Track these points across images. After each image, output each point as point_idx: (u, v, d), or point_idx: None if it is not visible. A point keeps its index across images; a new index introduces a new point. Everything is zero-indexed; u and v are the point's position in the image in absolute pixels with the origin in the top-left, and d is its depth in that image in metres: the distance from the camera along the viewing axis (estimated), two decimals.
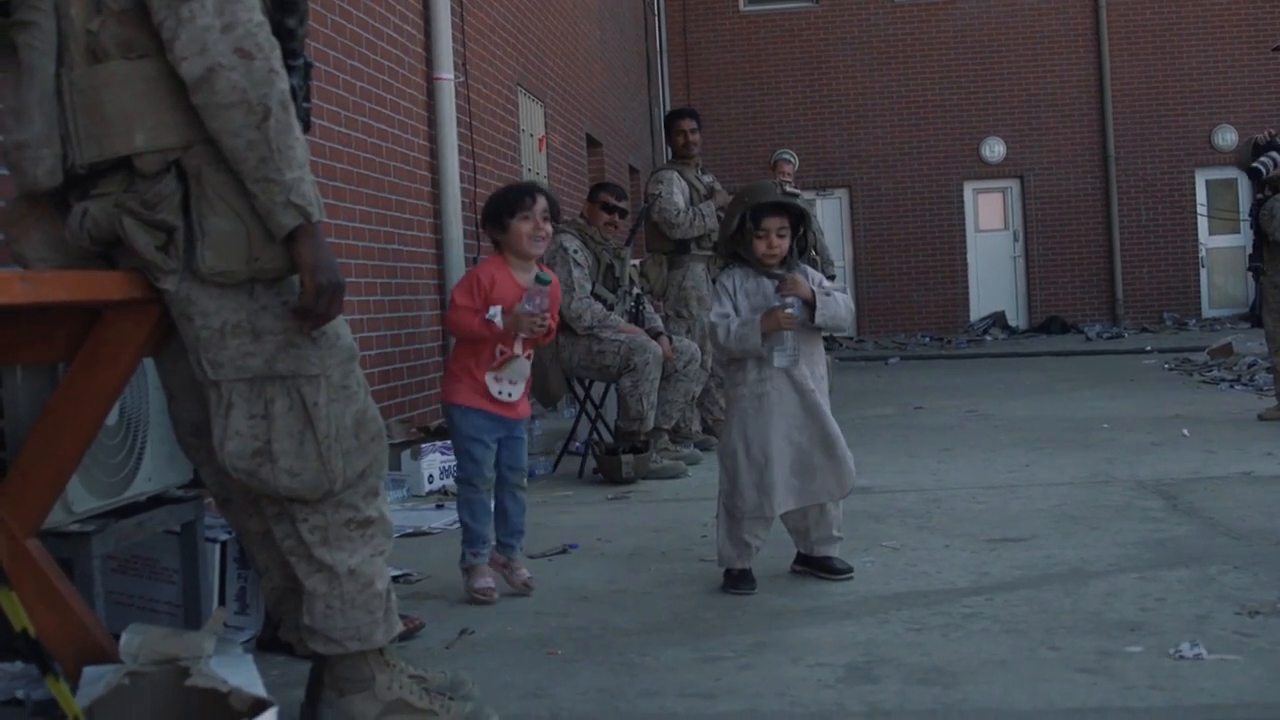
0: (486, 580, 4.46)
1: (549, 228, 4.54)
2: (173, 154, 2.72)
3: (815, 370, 4.51)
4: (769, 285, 4.46)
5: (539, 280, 4.43)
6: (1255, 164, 8.51)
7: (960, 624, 3.87)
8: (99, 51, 2.73)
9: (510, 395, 4.49)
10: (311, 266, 2.72)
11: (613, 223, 7.58)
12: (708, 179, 8.61)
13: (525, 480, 4.67)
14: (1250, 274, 9.51)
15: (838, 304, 4.43)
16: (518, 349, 4.47)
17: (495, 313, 4.37)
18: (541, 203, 4.50)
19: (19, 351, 2.89)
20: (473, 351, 4.47)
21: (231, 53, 2.65)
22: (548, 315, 4.46)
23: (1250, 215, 8.88)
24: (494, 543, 4.58)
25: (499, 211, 4.52)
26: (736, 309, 4.47)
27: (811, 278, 4.53)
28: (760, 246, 4.45)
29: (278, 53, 2.74)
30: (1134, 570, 4.45)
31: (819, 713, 3.17)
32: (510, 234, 4.49)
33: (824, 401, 4.50)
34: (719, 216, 8.22)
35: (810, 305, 4.37)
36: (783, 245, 4.47)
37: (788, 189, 4.50)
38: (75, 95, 2.72)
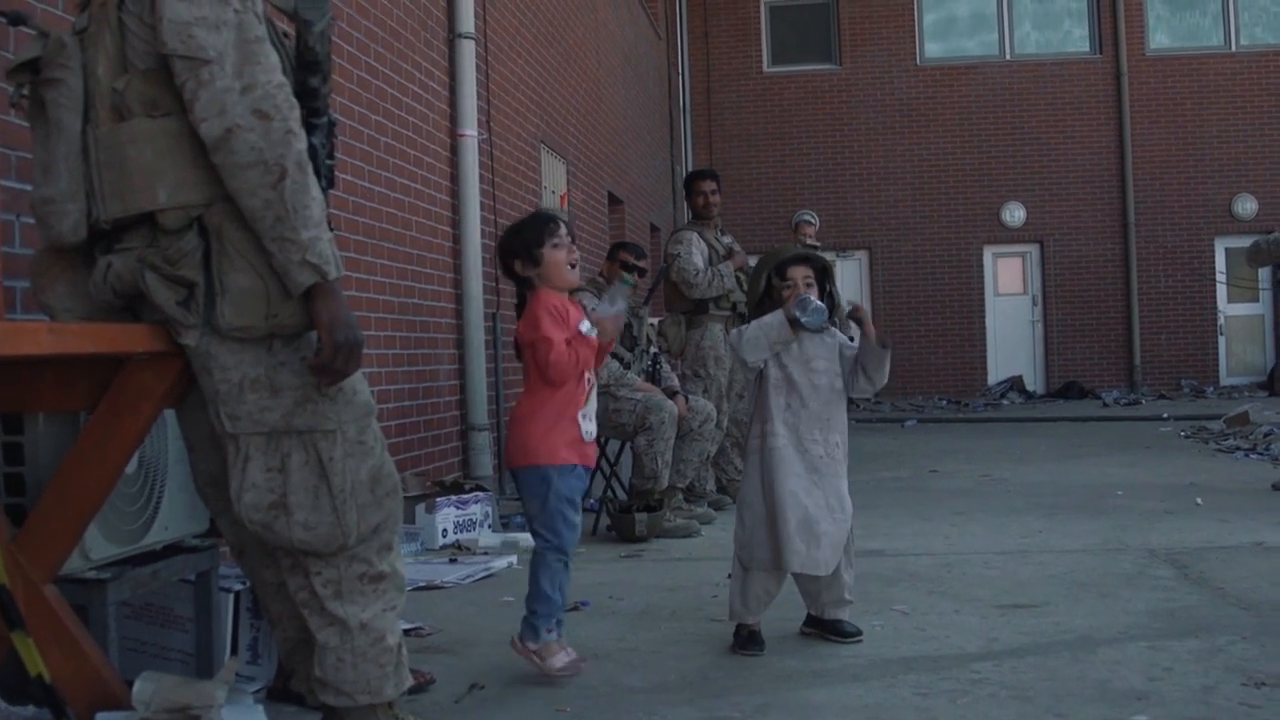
0: (567, 654, 4.10)
1: (578, 253, 4.27)
2: (195, 210, 2.78)
3: (830, 436, 4.52)
4: (804, 337, 4.50)
5: (625, 281, 4.30)
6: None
7: (968, 689, 3.87)
8: (124, 109, 2.79)
9: (591, 433, 4.21)
10: (329, 324, 2.77)
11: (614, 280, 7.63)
12: (727, 240, 8.66)
13: None
14: None
15: (884, 358, 4.52)
16: (590, 376, 4.22)
17: (589, 329, 4.10)
18: (564, 227, 4.22)
19: (42, 400, 2.94)
20: (562, 395, 4.11)
21: (249, 114, 2.71)
22: (624, 315, 4.30)
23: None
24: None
25: (528, 244, 4.15)
26: (777, 361, 4.51)
27: (837, 337, 4.59)
28: (788, 295, 4.47)
29: (296, 113, 2.79)
30: (1143, 639, 4.45)
31: None
32: (547, 265, 4.13)
33: (839, 468, 4.53)
34: (738, 278, 8.29)
35: (867, 332, 4.46)
36: (812, 293, 4.49)
37: (808, 243, 4.55)
38: (100, 152, 2.79)
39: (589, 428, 4.18)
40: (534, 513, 4.14)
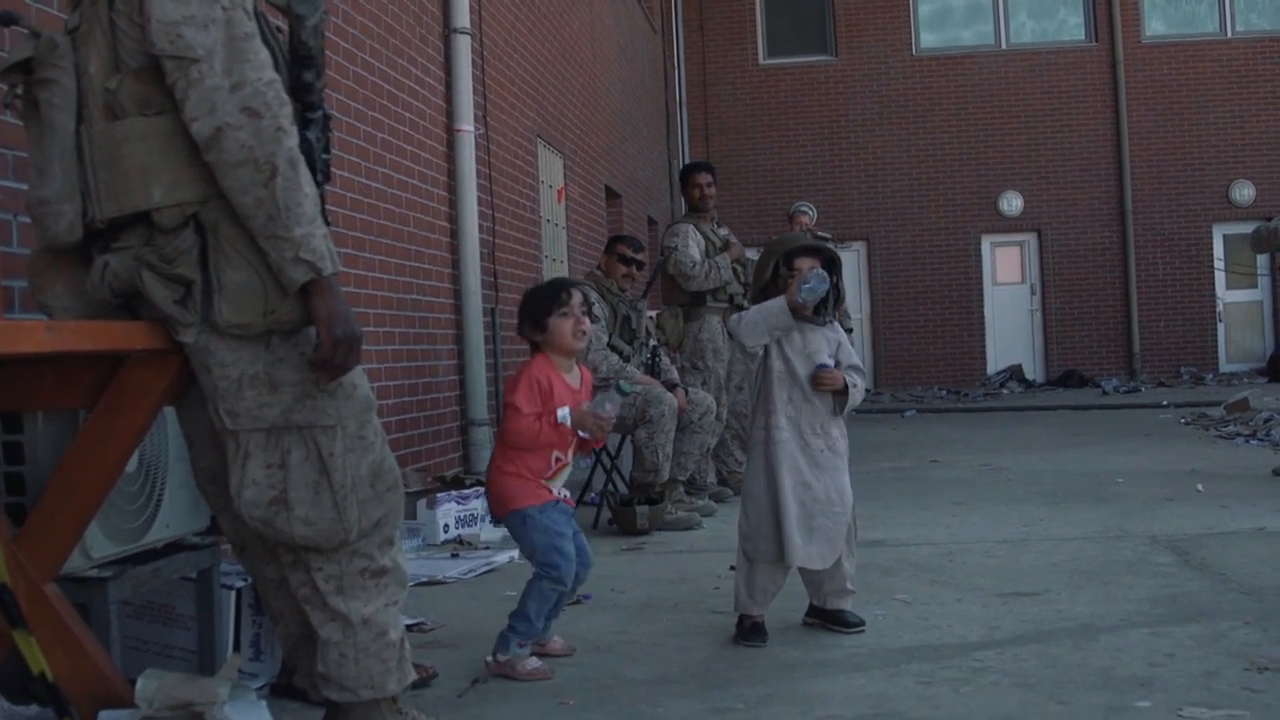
0: (535, 660, 4.17)
1: (588, 323, 4.38)
2: (190, 208, 2.78)
3: (831, 429, 4.53)
4: (807, 330, 4.50)
5: (620, 390, 4.34)
6: None
7: (970, 678, 3.88)
8: (117, 109, 2.79)
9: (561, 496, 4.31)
10: (327, 319, 2.77)
11: (630, 274, 7.64)
12: (723, 232, 8.66)
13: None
14: None
15: (860, 392, 4.53)
16: (569, 456, 4.31)
17: (565, 414, 4.18)
18: (578, 297, 4.32)
19: (41, 398, 2.94)
20: (529, 462, 4.22)
21: (239, 112, 2.71)
22: (614, 421, 4.31)
23: None
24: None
25: (537, 312, 4.30)
26: (780, 351, 4.51)
27: (838, 333, 4.59)
28: (793, 284, 4.47)
29: (287, 110, 2.79)
30: (1144, 625, 4.45)
31: None
32: (552, 332, 4.27)
33: (840, 461, 4.54)
34: (734, 269, 8.29)
35: (842, 398, 4.50)
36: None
37: (819, 234, 4.54)
38: (95, 151, 2.79)
39: (557, 490, 4.29)
40: (528, 553, 4.28)
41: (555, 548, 4.18)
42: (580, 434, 4.25)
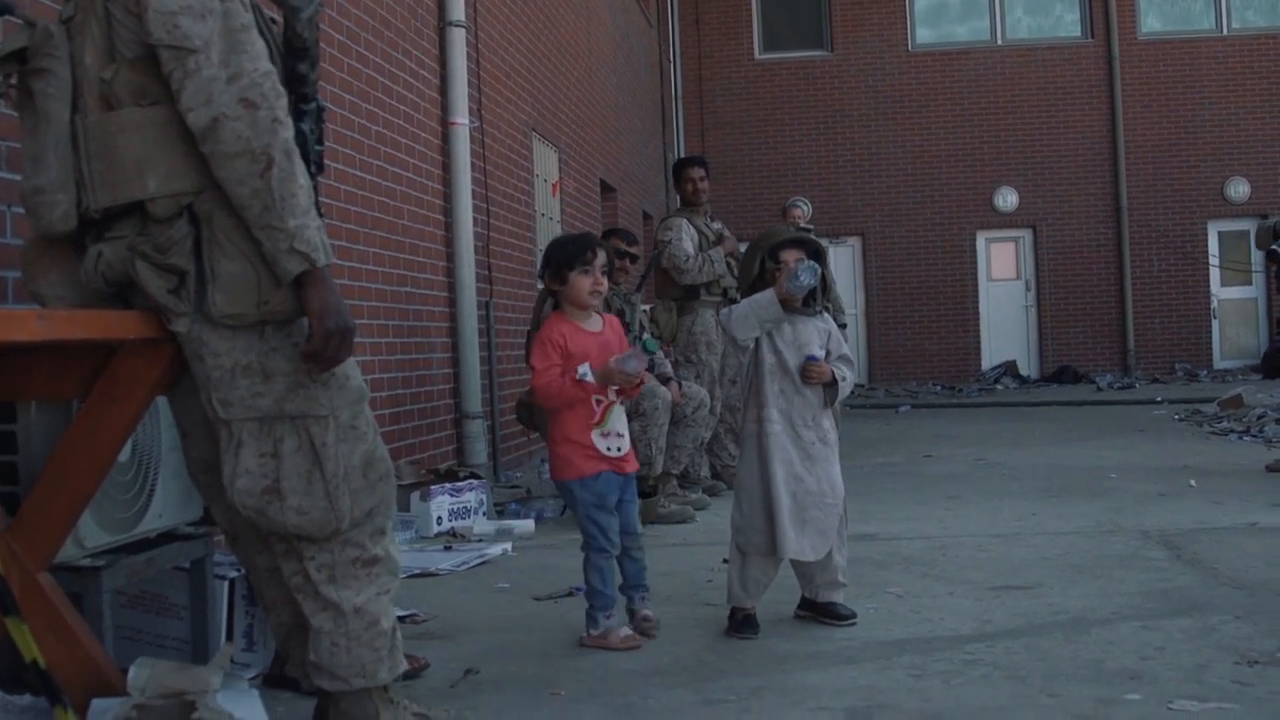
0: (625, 630, 4.37)
1: (606, 282, 4.54)
2: (185, 199, 2.78)
3: (822, 421, 4.54)
4: (797, 320, 4.51)
5: (645, 348, 4.44)
6: (1275, 246, 8.86)
7: (961, 670, 3.89)
8: (112, 99, 2.79)
9: (620, 449, 4.45)
10: (319, 311, 2.77)
11: (624, 268, 7.64)
12: (716, 225, 8.67)
13: (641, 541, 4.57)
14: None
15: (849, 384, 4.56)
16: (612, 395, 4.44)
17: (585, 371, 4.33)
18: (601, 257, 4.48)
19: (34, 387, 2.95)
20: (571, 417, 4.41)
21: (236, 103, 2.71)
22: (643, 373, 4.46)
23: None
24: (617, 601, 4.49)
25: (560, 264, 4.48)
26: (769, 343, 4.53)
27: (829, 323, 4.60)
28: (780, 277, 4.48)
29: (283, 101, 2.80)
30: (1136, 619, 4.46)
31: None
32: (570, 286, 4.46)
33: (831, 453, 4.55)
34: (728, 263, 8.30)
35: (831, 393, 4.52)
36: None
37: (801, 225, 4.56)
38: (89, 141, 2.79)
39: (610, 444, 4.44)
40: (577, 520, 4.52)
41: (591, 519, 4.39)
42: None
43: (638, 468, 4.66)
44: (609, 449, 4.42)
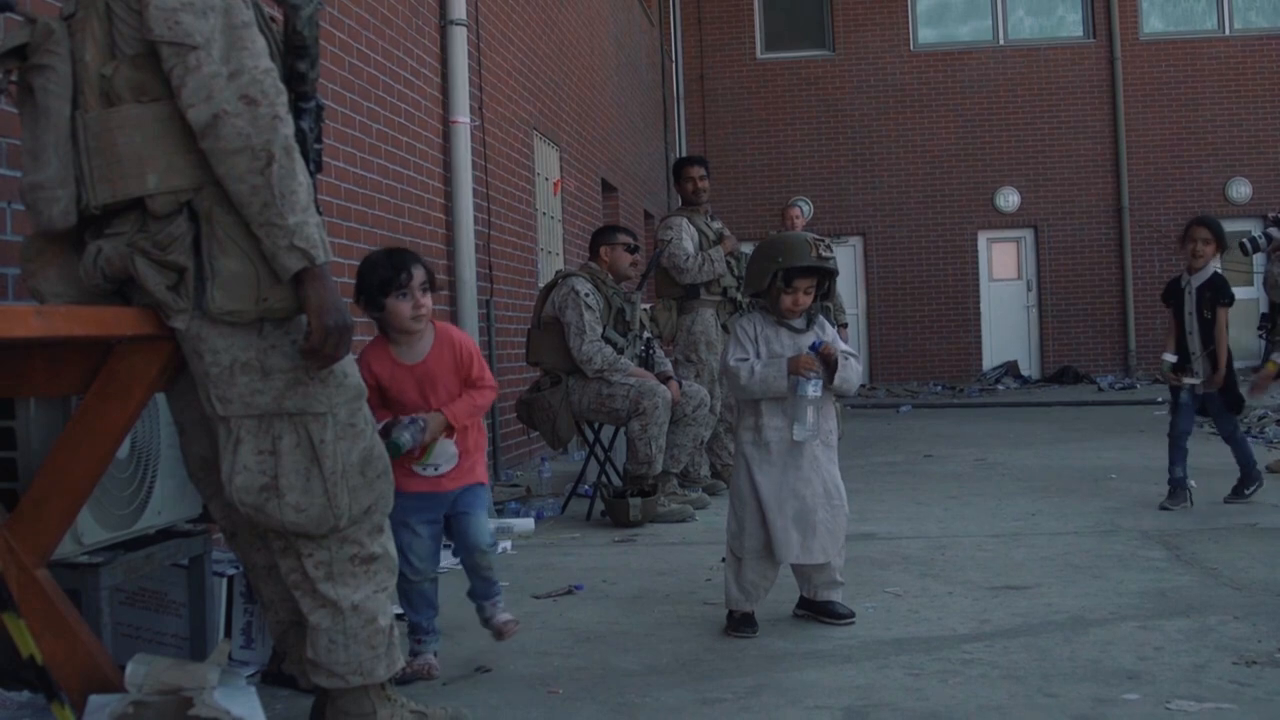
0: (423, 659, 4.05)
1: (428, 301, 3.96)
2: (184, 195, 2.79)
3: (825, 424, 4.55)
4: (786, 335, 4.52)
5: (394, 443, 3.82)
6: (1243, 240, 9.04)
7: (959, 670, 3.89)
8: (113, 95, 2.79)
9: (437, 469, 4.03)
10: (318, 308, 2.78)
11: (636, 262, 7.66)
12: (716, 225, 8.66)
13: (490, 559, 4.16)
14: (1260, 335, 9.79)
15: (853, 371, 4.51)
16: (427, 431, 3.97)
17: (403, 441, 3.87)
18: (419, 275, 3.90)
19: (32, 384, 2.95)
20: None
21: (237, 99, 2.71)
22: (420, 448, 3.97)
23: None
24: (437, 634, 4.16)
25: (372, 290, 3.90)
26: (759, 355, 4.53)
27: (826, 330, 4.60)
28: (787, 301, 4.49)
29: (284, 98, 2.80)
30: (1134, 619, 4.47)
31: None
32: (389, 313, 3.92)
33: (832, 454, 4.56)
34: (728, 262, 8.30)
35: (831, 370, 4.46)
36: (807, 301, 4.52)
37: (823, 252, 4.49)
38: (90, 138, 2.79)
39: (427, 470, 4.02)
40: None
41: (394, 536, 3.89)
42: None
43: (480, 480, 4.15)
44: (424, 468, 4.01)
